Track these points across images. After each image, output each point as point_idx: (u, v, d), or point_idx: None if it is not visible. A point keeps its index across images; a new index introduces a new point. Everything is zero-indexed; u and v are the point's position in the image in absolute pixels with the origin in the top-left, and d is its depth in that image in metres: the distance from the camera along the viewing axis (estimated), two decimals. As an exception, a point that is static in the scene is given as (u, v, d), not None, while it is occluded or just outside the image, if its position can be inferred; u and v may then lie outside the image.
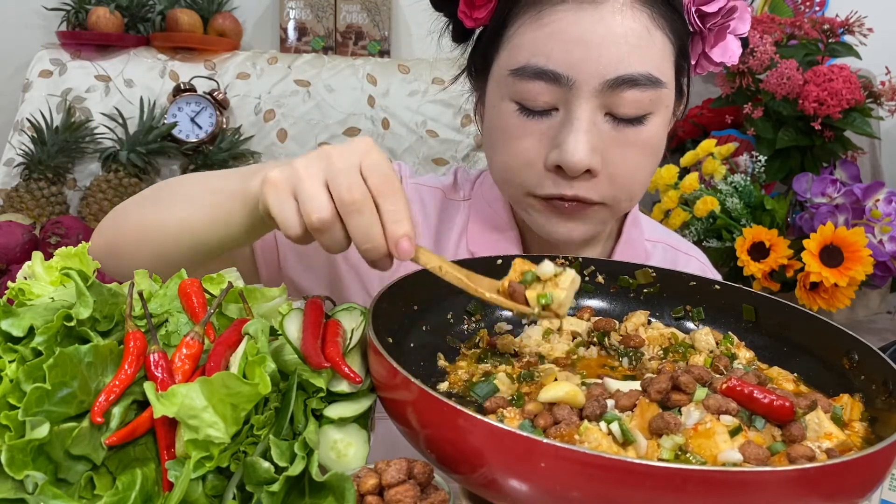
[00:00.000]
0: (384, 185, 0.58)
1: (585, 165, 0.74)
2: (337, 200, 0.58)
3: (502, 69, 0.78)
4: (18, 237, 1.83)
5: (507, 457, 0.45)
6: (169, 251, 0.74)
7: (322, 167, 0.59)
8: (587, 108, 0.74)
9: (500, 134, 0.79)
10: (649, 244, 0.99)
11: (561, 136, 0.75)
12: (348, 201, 0.57)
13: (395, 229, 0.58)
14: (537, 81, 0.74)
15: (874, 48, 1.77)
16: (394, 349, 0.61)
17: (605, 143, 0.76)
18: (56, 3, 2.15)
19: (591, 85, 0.73)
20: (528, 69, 0.75)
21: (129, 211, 0.80)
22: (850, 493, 0.46)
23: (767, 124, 1.73)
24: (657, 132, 0.78)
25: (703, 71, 0.85)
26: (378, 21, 2.27)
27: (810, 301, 1.52)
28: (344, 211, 0.58)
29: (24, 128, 2.05)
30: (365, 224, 0.58)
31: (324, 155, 0.60)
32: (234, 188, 0.68)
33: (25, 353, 0.51)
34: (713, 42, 0.82)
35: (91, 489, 0.48)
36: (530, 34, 0.75)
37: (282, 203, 0.59)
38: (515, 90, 0.76)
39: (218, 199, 0.70)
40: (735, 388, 0.52)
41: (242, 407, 0.50)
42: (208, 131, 2.08)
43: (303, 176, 0.59)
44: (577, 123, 0.74)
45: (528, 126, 0.77)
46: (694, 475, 0.42)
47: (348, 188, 0.58)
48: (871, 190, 1.58)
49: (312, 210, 0.58)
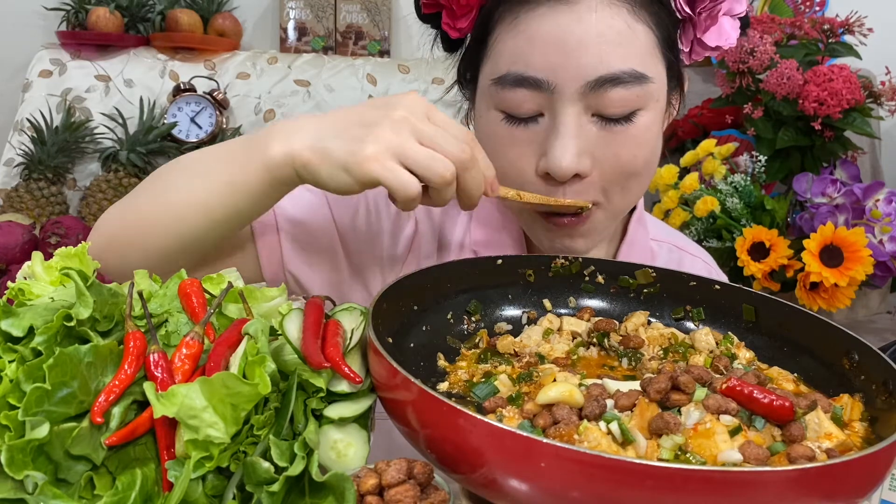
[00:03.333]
0: (470, 137, 0.67)
1: (573, 171, 0.74)
2: (455, 160, 0.64)
3: (486, 79, 0.78)
4: (18, 237, 1.83)
5: (506, 457, 0.45)
6: (182, 232, 0.73)
7: (411, 131, 0.64)
8: (572, 112, 0.73)
9: (490, 144, 0.79)
10: (655, 244, 0.99)
11: (548, 143, 0.74)
12: (466, 159, 0.65)
13: (489, 174, 0.69)
14: (519, 89, 0.74)
15: (874, 48, 1.77)
16: (394, 349, 0.61)
17: (595, 144, 0.75)
18: (56, 3, 2.15)
19: (573, 88, 0.72)
20: (509, 77, 0.74)
21: (128, 204, 0.79)
22: (850, 493, 0.46)
23: (767, 124, 1.73)
24: (648, 127, 0.76)
25: (700, 57, 0.82)
26: (378, 21, 2.27)
27: (810, 301, 1.52)
28: (461, 168, 0.65)
29: (24, 128, 2.05)
30: (478, 175, 0.67)
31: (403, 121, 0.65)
32: (247, 159, 0.70)
33: (25, 353, 0.51)
34: (705, 26, 0.79)
35: (91, 489, 0.48)
36: (510, 41, 0.74)
37: (395, 173, 0.63)
38: (500, 99, 0.76)
39: (231, 169, 0.71)
40: (735, 388, 0.52)
41: (242, 407, 0.50)
42: (208, 131, 2.08)
43: (403, 144, 0.64)
44: (562, 129, 0.73)
45: (515, 134, 0.76)
46: (694, 475, 0.42)
47: (458, 147, 0.64)
48: (871, 190, 1.58)
49: (443, 170, 0.64)
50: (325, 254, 0.88)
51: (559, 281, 0.76)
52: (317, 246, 0.87)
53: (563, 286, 0.76)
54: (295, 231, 0.86)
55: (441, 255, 0.91)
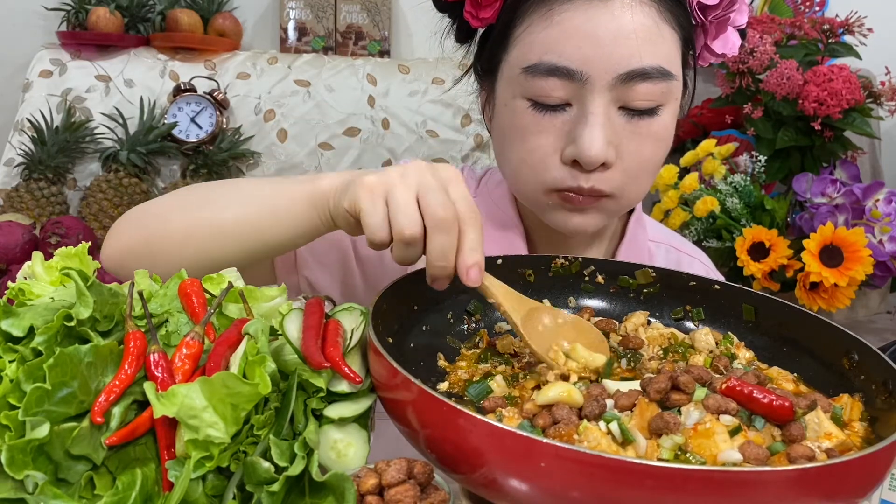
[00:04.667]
0: (470, 213, 0.61)
1: (602, 159, 0.76)
2: (428, 216, 0.60)
3: (513, 67, 0.79)
4: (18, 237, 1.83)
5: (506, 456, 0.45)
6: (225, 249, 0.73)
7: (416, 180, 0.62)
8: (601, 103, 0.75)
9: (514, 131, 0.80)
10: (653, 245, 0.99)
11: (577, 131, 0.76)
12: (440, 218, 0.60)
13: (471, 256, 0.61)
14: (551, 78, 0.76)
15: (874, 48, 1.77)
16: (394, 349, 0.61)
17: (620, 135, 0.77)
18: (56, 3, 2.15)
19: (604, 80, 0.75)
20: (542, 66, 0.76)
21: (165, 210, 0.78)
22: (850, 493, 0.46)
23: (767, 124, 1.73)
24: (668, 123, 0.80)
25: (705, 63, 0.87)
26: (378, 21, 2.27)
27: (810, 301, 1.52)
28: (432, 226, 0.60)
29: (24, 128, 2.05)
30: (447, 244, 0.60)
31: (419, 170, 0.63)
32: (296, 189, 0.71)
33: (25, 353, 0.51)
34: (714, 34, 0.83)
35: (91, 489, 0.48)
36: (541, 32, 0.76)
37: (374, 206, 0.62)
38: (528, 87, 0.77)
39: (281, 200, 0.71)
40: (735, 387, 0.52)
41: (242, 407, 0.50)
42: (208, 131, 2.08)
43: (398, 184, 0.61)
44: (591, 118, 0.75)
45: (542, 122, 0.78)
46: (694, 475, 0.42)
47: (443, 206, 0.60)
48: (871, 190, 1.58)
49: (406, 225, 0.60)
50: (339, 261, 0.89)
51: (559, 281, 0.76)
52: (331, 252, 0.88)
53: (562, 286, 0.76)
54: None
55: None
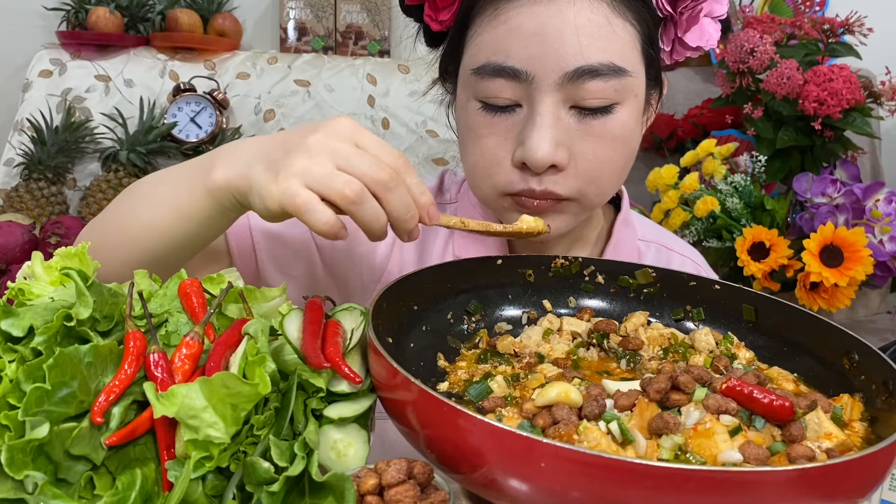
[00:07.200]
0: (399, 159, 0.62)
1: (549, 161, 0.74)
2: (368, 181, 0.59)
3: (466, 69, 0.79)
4: (18, 237, 1.83)
5: (506, 457, 0.45)
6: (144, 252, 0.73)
7: (325, 153, 0.60)
8: (550, 103, 0.74)
9: (469, 133, 0.80)
10: (642, 244, 0.98)
11: (525, 133, 0.75)
12: (381, 179, 0.59)
13: (424, 200, 0.63)
14: (498, 79, 0.75)
15: (874, 48, 1.77)
16: (394, 349, 0.61)
17: (572, 136, 0.76)
18: (56, 3, 2.14)
19: (551, 79, 0.73)
20: (489, 67, 0.75)
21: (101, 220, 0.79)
22: (850, 493, 0.46)
23: (767, 124, 1.73)
24: (625, 122, 0.77)
25: (681, 57, 0.84)
26: (378, 21, 2.27)
27: (810, 301, 1.52)
28: (381, 190, 0.60)
29: (23, 128, 2.05)
30: (403, 196, 0.61)
31: (320, 142, 0.60)
32: (194, 183, 0.68)
33: (25, 353, 0.51)
34: (686, 26, 0.81)
35: (91, 489, 0.48)
36: (489, 32, 0.75)
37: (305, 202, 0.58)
38: (479, 89, 0.77)
39: (183, 198, 0.70)
40: (735, 388, 0.52)
41: (242, 407, 0.50)
42: (208, 131, 2.08)
43: (311, 166, 0.59)
44: (539, 119, 0.74)
45: (493, 123, 0.77)
46: (694, 475, 0.42)
47: (375, 166, 0.59)
48: (871, 190, 1.58)
49: (342, 185, 0.58)
50: (304, 266, 0.88)
51: (559, 281, 0.76)
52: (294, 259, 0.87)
53: (562, 286, 0.76)
54: (270, 245, 0.86)
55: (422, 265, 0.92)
